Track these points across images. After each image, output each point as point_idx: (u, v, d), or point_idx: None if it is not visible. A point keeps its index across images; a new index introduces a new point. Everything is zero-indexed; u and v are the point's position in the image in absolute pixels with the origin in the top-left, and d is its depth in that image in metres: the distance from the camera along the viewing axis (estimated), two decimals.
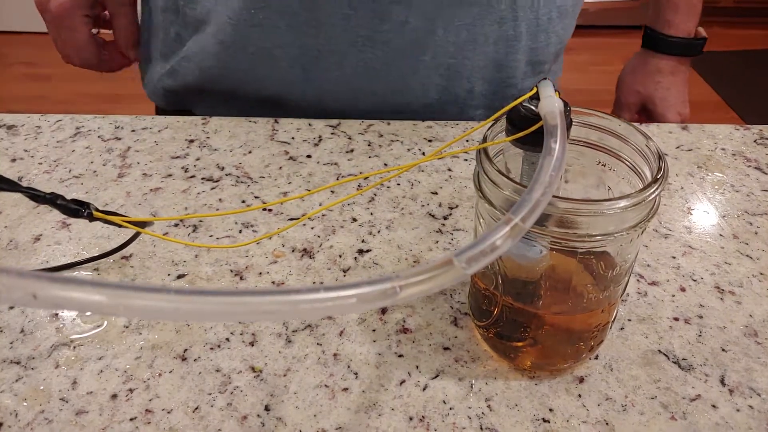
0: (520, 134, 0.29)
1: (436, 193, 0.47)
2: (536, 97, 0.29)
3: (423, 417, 0.33)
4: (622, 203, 0.27)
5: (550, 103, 0.28)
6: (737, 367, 0.35)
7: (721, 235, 0.44)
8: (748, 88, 2.49)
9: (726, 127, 0.55)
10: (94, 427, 0.32)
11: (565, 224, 0.28)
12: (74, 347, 0.36)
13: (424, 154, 0.52)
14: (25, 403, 0.33)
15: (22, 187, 0.34)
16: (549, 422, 0.32)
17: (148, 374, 0.35)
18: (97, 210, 0.35)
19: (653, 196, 0.28)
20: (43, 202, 0.34)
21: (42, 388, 0.34)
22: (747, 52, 2.75)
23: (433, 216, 0.45)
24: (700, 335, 0.37)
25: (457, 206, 0.46)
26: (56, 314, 0.38)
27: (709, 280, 0.40)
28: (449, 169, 0.50)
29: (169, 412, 0.33)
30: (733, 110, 2.34)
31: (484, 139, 0.31)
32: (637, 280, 0.40)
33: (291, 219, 0.45)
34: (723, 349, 0.36)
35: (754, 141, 0.54)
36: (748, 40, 2.85)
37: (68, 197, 0.35)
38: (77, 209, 0.35)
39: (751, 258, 0.42)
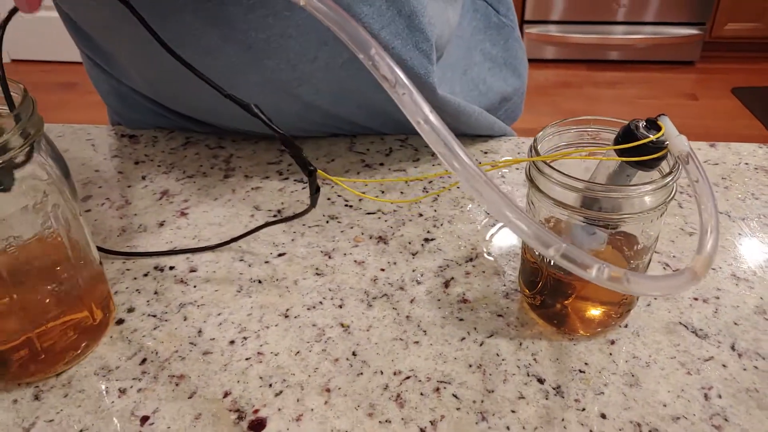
0: (643, 158, 0.34)
1: None
2: (654, 127, 0.35)
3: (480, 365, 0.40)
4: (647, 188, 0.35)
5: (681, 143, 0.34)
6: (747, 338, 0.41)
7: (739, 233, 0.50)
8: None
9: (750, 146, 0.62)
10: (218, 362, 0.41)
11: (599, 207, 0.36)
12: (198, 306, 0.45)
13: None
14: (162, 345, 0.42)
15: (282, 132, 0.40)
16: (584, 372, 0.39)
17: (258, 327, 0.43)
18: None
19: (670, 182, 0.35)
20: (290, 147, 0.41)
21: (175, 334, 0.43)
22: None
23: (488, 214, 0.53)
24: (716, 312, 0.43)
25: None
26: (182, 281, 0.47)
27: (727, 269, 0.47)
28: (503, 176, 0.58)
29: (276, 355, 0.41)
30: None
31: (535, 149, 0.39)
32: (664, 268, 0.47)
33: (368, 213, 0.53)
34: (735, 323, 0.42)
35: None
36: None
37: (175, 194, 0.44)
38: (308, 166, 0.42)
39: (765, 254, 0.48)
